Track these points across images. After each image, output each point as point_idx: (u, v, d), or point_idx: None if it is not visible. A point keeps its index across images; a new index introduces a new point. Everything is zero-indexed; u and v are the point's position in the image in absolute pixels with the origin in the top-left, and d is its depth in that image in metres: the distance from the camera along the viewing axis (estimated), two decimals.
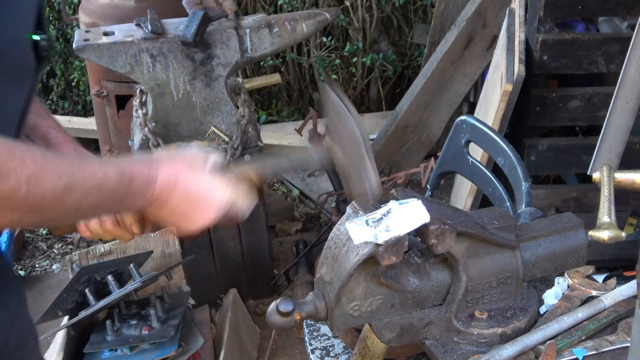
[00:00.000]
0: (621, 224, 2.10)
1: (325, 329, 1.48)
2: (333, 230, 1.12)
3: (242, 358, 2.52)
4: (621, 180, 1.09)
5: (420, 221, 1.03)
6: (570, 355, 1.15)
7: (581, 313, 1.21)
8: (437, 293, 1.14)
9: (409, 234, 1.04)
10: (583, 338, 1.18)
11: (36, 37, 0.92)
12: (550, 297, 1.30)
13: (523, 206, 1.60)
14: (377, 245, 1.02)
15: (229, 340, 2.42)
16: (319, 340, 1.45)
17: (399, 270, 1.12)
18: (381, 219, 1.03)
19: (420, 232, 1.06)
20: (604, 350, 1.16)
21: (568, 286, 1.32)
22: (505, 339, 1.14)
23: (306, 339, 1.46)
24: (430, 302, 1.14)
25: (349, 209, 1.13)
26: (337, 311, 1.08)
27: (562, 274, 1.33)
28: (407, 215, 1.03)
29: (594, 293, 1.29)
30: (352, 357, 1.25)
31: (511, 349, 1.11)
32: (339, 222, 1.12)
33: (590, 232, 1.13)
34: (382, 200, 1.09)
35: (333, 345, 1.44)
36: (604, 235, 1.02)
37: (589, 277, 1.34)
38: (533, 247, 1.19)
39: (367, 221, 1.03)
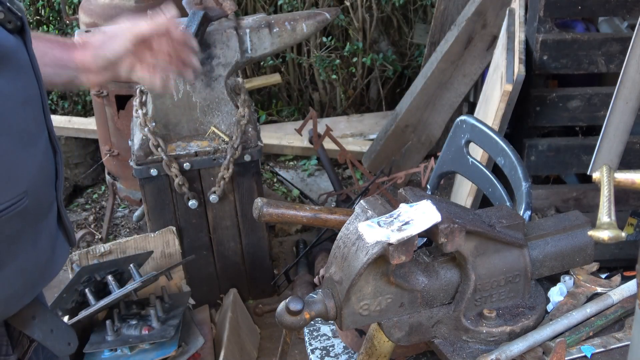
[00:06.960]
0: (621, 224, 2.11)
1: (325, 329, 1.48)
2: (342, 229, 1.12)
3: (242, 358, 2.52)
4: (621, 180, 1.09)
5: (432, 221, 1.03)
6: (578, 353, 1.16)
7: (590, 309, 1.21)
8: (445, 292, 1.14)
9: (419, 233, 1.04)
10: (591, 334, 1.19)
11: None
12: (556, 294, 1.31)
13: (523, 206, 1.60)
14: (387, 244, 1.02)
15: (229, 340, 2.42)
16: (319, 340, 1.44)
17: (408, 269, 1.11)
18: (392, 220, 1.03)
19: (430, 231, 1.06)
20: (611, 347, 1.17)
21: (574, 283, 1.33)
22: (513, 337, 1.14)
23: (306, 339, 1.45)
24: (439, 300, 1.14)
25: (357, 209, 1.13)
26: (347, 310, 1.08)
27: (567, 272, 1.33)
28: (418, 215, 1.03)
29: (599, 290, 1.30)
30: (359, 356, 1.25)
31: (521, 344, 1.11)
32: (347, 222, 1.12)
33: (590, 232, 1.13)
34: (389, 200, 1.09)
35: (333, 345, 1.43)
36: (604, 235, 1.02)
37: (593, 274, 1.35)
38: (541, 246, 1.19)
39: (379, 222, 1.04)
